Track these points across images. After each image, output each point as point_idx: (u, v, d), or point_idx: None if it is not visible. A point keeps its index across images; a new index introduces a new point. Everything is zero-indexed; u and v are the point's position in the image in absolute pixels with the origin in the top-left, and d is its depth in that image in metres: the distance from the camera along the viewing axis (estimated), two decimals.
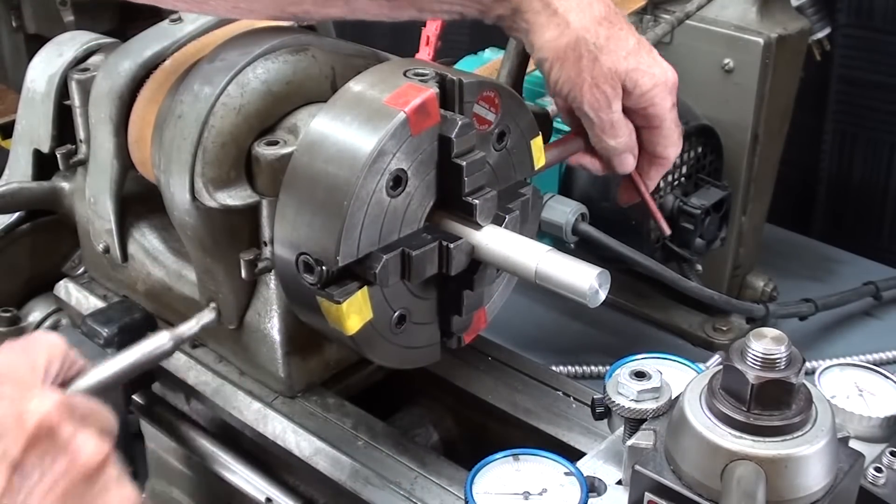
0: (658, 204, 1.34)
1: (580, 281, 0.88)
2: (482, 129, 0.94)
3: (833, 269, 1.67)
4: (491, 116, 0.95)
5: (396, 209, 0.91)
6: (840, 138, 1.82)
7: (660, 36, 1.32)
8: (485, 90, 0.95)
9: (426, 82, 0.91)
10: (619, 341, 1.51)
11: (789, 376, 0.73)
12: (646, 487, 0.77)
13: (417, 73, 0.92)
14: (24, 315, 1.33)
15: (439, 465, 1.02)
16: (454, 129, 0.91)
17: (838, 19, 1.71)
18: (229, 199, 1.01)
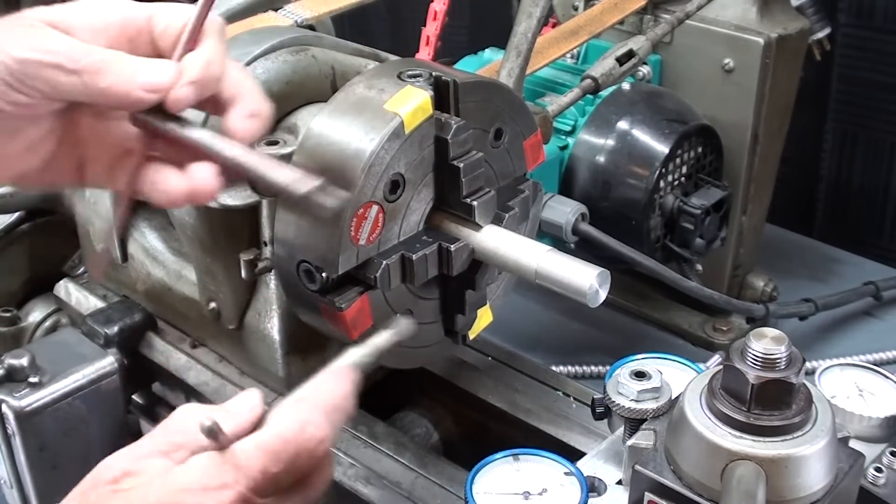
0: (658, 204, 1.34)
1: (580, 281, 0.88)
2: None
3: (833, 269, 1.67)
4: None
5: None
6: (840, 138, 1.82)
7: (660, 36, 1.32)
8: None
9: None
10: (619, 341, 1.51)
11: (789, 376, 0.73)
12: (646, 487, 0.77)
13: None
14: (24, 315, 1.33)
15: (439, 465, 1.03)
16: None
17: (838, 19, 1.71)
18: (229, 199, 1.01)
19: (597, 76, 1.27)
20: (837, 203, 1.87)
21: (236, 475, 0.70)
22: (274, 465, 0.71)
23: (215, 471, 0.70)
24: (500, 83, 1.04)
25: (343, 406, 0.76)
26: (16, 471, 1.10)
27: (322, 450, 0.73)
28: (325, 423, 0.73)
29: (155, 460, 0.72)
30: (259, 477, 0.70)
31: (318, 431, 0.72)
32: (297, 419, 0.73)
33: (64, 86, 0.75)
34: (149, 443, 0.74)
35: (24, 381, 1.07)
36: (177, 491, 0.69)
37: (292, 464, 0.71)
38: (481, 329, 1.04)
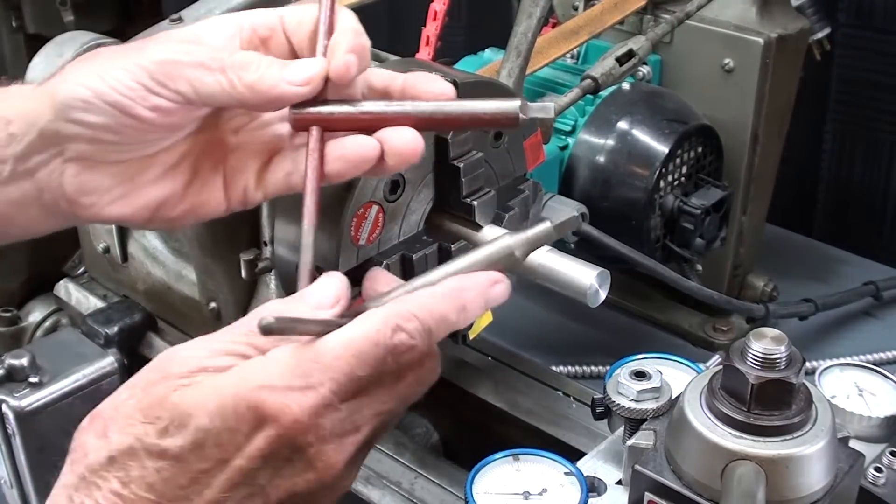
0: (658, 204, 1.34)
1: (580, 281, 0.88)
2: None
3: (833, 269, 1.67)
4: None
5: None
6: (840, 138, 1.82)
7: (660, 36, 1.32)
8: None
9: None
10: (619, 341, 1.51)
11: (789, 376, 0.73)
12: (646, 487, 0.77)
13: None
14: (24, 315, 1.33)
15: (439, 465, 1.03)
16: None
17: (838, 19, 1.71)
18: None
19: (597, 76, 1.27)
20: (837, 203, 1.87)
21: (321, 376, 0.65)
22: (361, 368, 0.66)
23: (300, 369, 0.65)
24: (500, 83, 1.04)
25: (451, 319, 0.69)
26: (16, 471, 1.10)
27: (410, 358, 0.68)
28: (421, 332, 0.68)
29: (234, 359, 0.67)
30: (345, 380, 0.65)
31: (409, 340, 0.67)
32: (392, 321, 0.67)
33: (208, 86, 0.73)
34: (226, 338, 0.69)
35: (24, 381, 1.07)
36: (257, 388, 0.64)
37: (378, 369, 0.67)
38: (481, 329, 1.04)
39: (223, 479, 0.65)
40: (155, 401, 0.65)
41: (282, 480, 0.67)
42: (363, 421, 0.68)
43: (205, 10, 1.15)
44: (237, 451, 0.65)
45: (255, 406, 0.64)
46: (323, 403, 0.65)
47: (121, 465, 0.65)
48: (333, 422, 0.66)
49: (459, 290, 0.70)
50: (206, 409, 0.64)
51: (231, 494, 0.66)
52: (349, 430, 0.67)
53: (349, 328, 0.67)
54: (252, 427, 0.65)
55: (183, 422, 0.64)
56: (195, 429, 0.64)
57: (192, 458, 0.65)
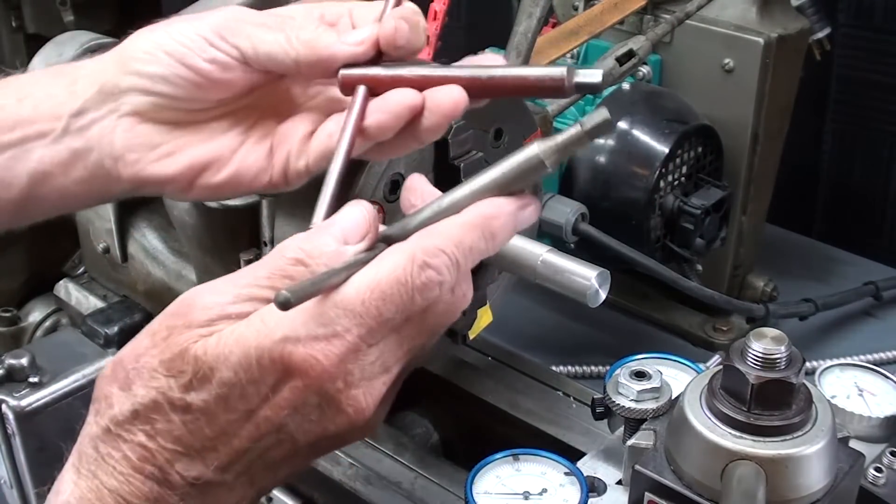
0: (658, 204, 1.34)
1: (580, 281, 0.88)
2: None
3: (833, 269, 1.67)
4: None
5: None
6: (840, 138, 1.82)
7: (660, 36, 1.32)
8: None
9: None
10: (619, 341, 1.51)
11: (789, 376, 0.73)
12: (646, 487, 0.77)
13: None
14: (24, 315, 1.33)
15: (439, 465, 1.03)
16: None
17: (838, 19, 1.71)
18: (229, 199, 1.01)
19: None
20: (837, 203, 1.87)
21: (347, 323, 0.62)
22: (388, 310, 0.63)
23: (325, 316, 0.62)
24: None
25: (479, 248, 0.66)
26: (16, 471, 1.10)
27: (438, 293, 0.65)
28: (449, 267, 0.64)
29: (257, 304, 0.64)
30: (373, 324, 0.63)
31: (437, 277, 0.64)
32: (420, 259, 0.64)
33: (267, 44, 0.73)
34: (249, 280, 0.65)
35: (24, 381, 1.07)
36: (280, 339, 0.62)
37: (407, 308, 0.64)
38: (481, 329, 1.04)
39: (250, 429, 0.64)
40: (177, 353, 0.64)
41: (311, 426, 0.65)
42: (393, 361, 0.66)
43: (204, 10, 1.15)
44: (263, 403, 0.64)
45: (280, 358, 0.62)
46: (351, 350, 0.63)
47: (146, 418, 0.64)
48: (363, 366, 0.64)
49: (488, 218, 0.67)
50: (229, 363, 0.62)
51: (259, 443, 0.65)
52: (379, 372, 0.65)
53: (374, 269, 0.63)
54: (278, 379, 0.63)
55: (206, 376, 0.63)
56: (219, 382, 0.63)
57: (217, 411, 0.63)
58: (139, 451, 0.64)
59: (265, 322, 0.63)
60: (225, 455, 0.65)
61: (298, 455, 0.67)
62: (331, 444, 0.68)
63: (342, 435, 0.67)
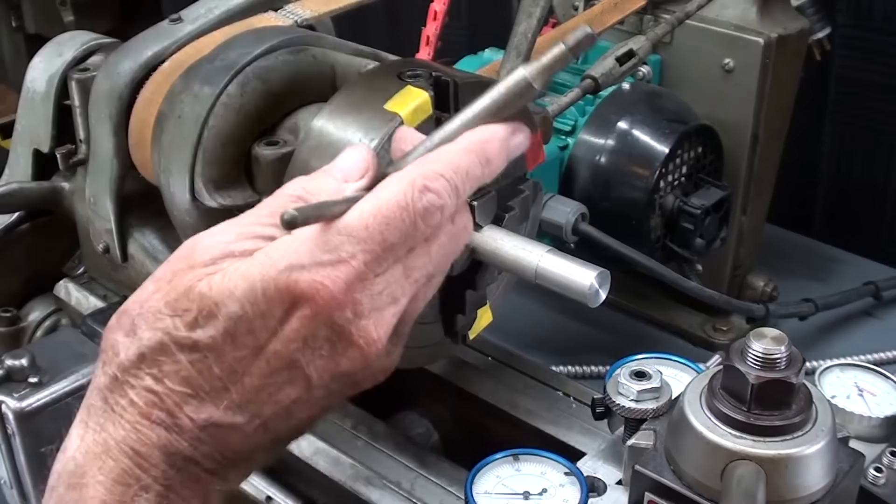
0: (658, 204, 1.34)
1: (580, 281, 0.88)
2: None
3: (833, 269, 1.67)
4: None
5: None
6: (839, 138, 1.82)
7: (660, 36, 1.32)
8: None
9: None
10: (619, 341, 1.51)
11: (789, 376, 0.73)
12: (646, 487, 0.77)
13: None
14: (24, 315, 1.33)
15: (439, 465, 1.03)
16: None
17: (838, 19, 1.71)
18: (229, 199, 1.01)
19: (597, 76, 1.27)
20: (837, 203, 1.87)
21: (352, 248, 0.62)
22: (392, 235, 0.63)
23: (329, 243, 0.62)
24: None
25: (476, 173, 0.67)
26: (16, 471, 1.10)
27: (440, 218, 0.65)
28: (449, 191, 0.65)
29: (260, 242, 0.64)
30: (378, 249, 0.63)
31: (438, 200, 0.64)
32: (420, 183, 0.64)
33: None
34: (252, 220, 0.66)
35: (24, 381, 1.07)
36: (286, 268, 0.61)
37: (409, 233, 0.64)
38: (481, 329, 1.04)
39: (261, 365, 0.63)
40: (181, 292, 0.63)
41: (323, 361, 0.64)
42: (401, 291, 0.65)
43: (205, 10, 1.15)
44: (272, 336, 0.63)
45: (286, 287, 0.61)
46: (357, 277, 0.62)
47: (152, 360, 0.63)
48: (371, 295, 0.63)
49: (482, 143, 0.67)
50: (235, 296, 0.62)
51: (271, 380, 0.63)
52: (387, 302, 0.64)
53: (375, 195, 0.64)
54: (285, 310, 0.62)
55: (212, 311, 0.62)
56: (225, 317, 0.62)
57: (225, 347, 0.62)
58: (146, 396, 0.62)
59: (269, 255, 0.62)
60: (236, 395, 0.63)
61: (313, 398, 0.65)
62: (346, 386, 0.66)
63: (356, 373, 0.65)
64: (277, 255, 0.62)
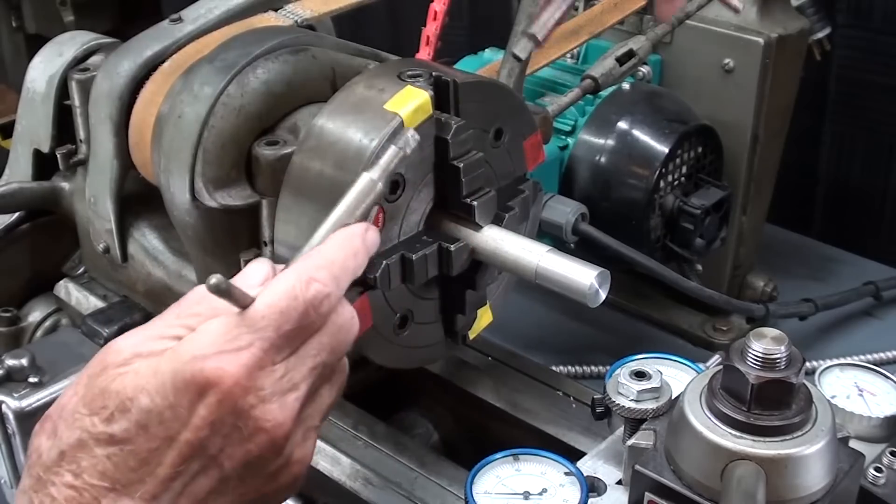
0: (658, 204, 1.34)
1: (580, 281, 0.88)
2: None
3: (833, 269, 1.67)
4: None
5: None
6: (839, 138, 1.82)
7: (660, 36, 1.32)
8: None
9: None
10: (619, 341, 1.51)
11: (789, 376, 0.73)
12: (646, 487, 0.77)
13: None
14: (24, 315, 1.33)
15: (439, 465, 1.03)
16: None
17: (837, 19, 1.71)
18: (229, 199, 1.01)
19: (597, 76, 1.27)
20: (836, 203, 1.87)
21: (251, 337, 0.68)
22: (287, 323, 0.69)
23: (229, 334, 0.68)
24: (500, 83, 1.04)
25: (349, 265, 0.75)
26: (16, 471, 1.10)
27: (328, 306, 0.72)
28: (330, 280, 0.72)
29: (167, 342, 0.69)
30: (274, 336, 0.68)
31: (324, 288, 0.71)
32: (305, 276, 0.71)
33: None
34: (159, 324, 0.71)
35: (24, 381, 1.07)
36: (191, 359, 0.67)
37: (301, 322, 0.70)
38: (481, 329, 1.05)
39: (173, 455, 0.67)
40: (98, 392, 0.67)
41: (233, 448, 0.68)
42: (300, 377, 0.70)
43: (205, 10, 1.15)
44: (182, 426, 0.67)
45: (192, 376, 0.66)
46: (257, 363, 0.68)
47: (71, 457, 0.66)
48: (272, 381, 0.68)
49: (348, 240, 0.76)
50: (146, 390, 0.67)
51: (184, 468, 0.67)
52: (288, 388, 0.69)
53: (268, 289, 0.70)
54: (192, 399, 0.67)
55: (125, 406, 0.66)
56: (138, 410, 0.66)
57: (139, 439, 0.66)
58: (66, 492, 0.66)
59: (176, 350, 0.68)
60: (151, 486, 0.67)
61: (228, 486, 0.69)
62: (262, 479, 0.70)
63: (268, 461, 0.70)
64: (183, 348, 0.68)
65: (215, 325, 0.68)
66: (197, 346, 0.67)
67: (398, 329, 0.95)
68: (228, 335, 0.68)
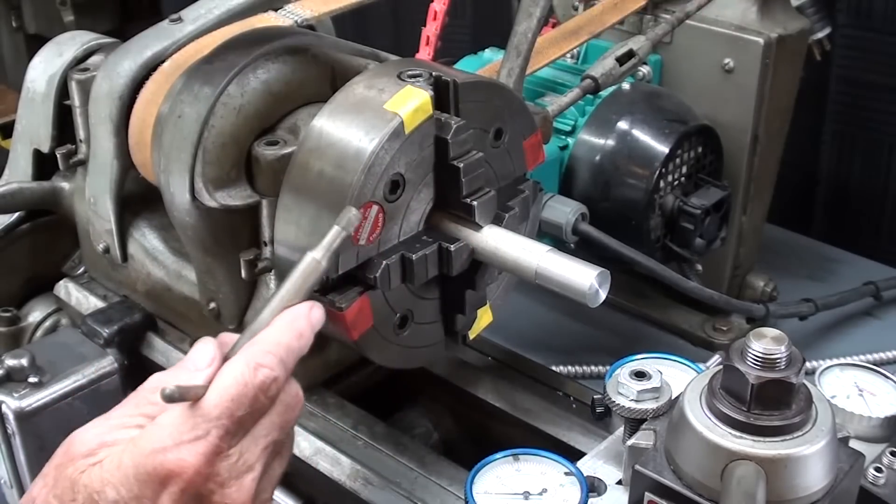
0: (658, 204, 1.34)
1: (580, 281, 0.88)
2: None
3: (833, 269, 1.67)
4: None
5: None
6: (839, 138, 1.82)
7: (660, 36, 1.32)
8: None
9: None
10: (619, 341, 1.51)
11: (789, 376, 0.73)
12: (646, 487, 0.77)
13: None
14: (24, 315, 1.33)
15: (439, 465, 1.03)
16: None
17: (838, 19, 1.71)
18: (229, 199, 1.01)
19: (597, 76, 1.27)
20: (837, 203, 1.87)
21: (207, 425, 0.72)
22: (238, 409, 0.73)
23: (186, 424, 0.72)
24: (500, 83, 1.04)
25: (294, 347, 0.78)
26: (16, 471, 1.10)
27: (276, 389, 0.76)
28: (277, 364, 0.75)
29: (130, 431, 0.73)
30: (228, 423, 0.73)
31: (271, 373, 0.75)
32: (252, 362, 0.75)
33: None
34: (120, 414, 0.76)
35: (24, 381, 1.07)
36: (151, 451, 0.71)
37: (252, 407, 0.74)
38: (481, 329, 1.05)
39: None
40: (67, 485, 0.72)
41: None
42: (254, 458, 0.75)
43: (205, 10, 1.15)
44: None
45: (154, 469, 0.71)
46: (214, 451, 0.73)
47: None
48: (228, 466, 0.73)
49: (292, 321, 0.78)
50: (112, 483, 0.71)
51: None
52: (244, 470, 0.74)
53: (219, 379, 0.74)
54: (156, 489, 0.71)
55: (94, 499, 0.71)
56: (105, 502, 0.71)
57: None
58: None
59: (137, 443, 0.72)
60: None
61: None
62: None
63: None
64: (144, 441, 0.72)
65: (172, 417, 0.72)
66: (156, 439, 0.72)
67: (398, 329, 0.95)
68: (185, 426, 0.72)
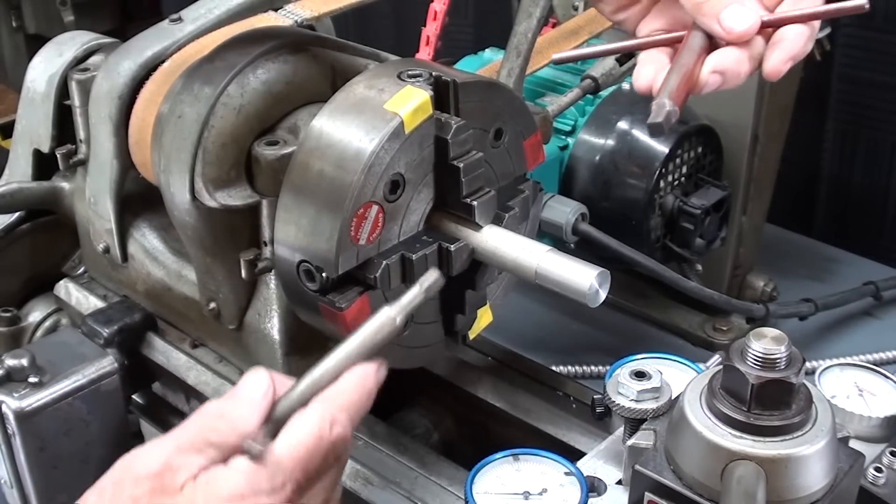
0: (658, 204, 1.34)
1: (580, 281, 0.88)
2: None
3: (833, 269, 1.67)
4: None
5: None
6: (840, 138, 1.82)
7: None
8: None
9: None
10: (619, 341, 1.51)
11: (789, 376, 0.73)
12: (646, 487, 0.77)
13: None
14: (24, 315, 1.33)
15: (439, 465, 1.03)
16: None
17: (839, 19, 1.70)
18: (229, 199, 1.01)
19: (597, 76, 1.27)
20: (837, 203, 1.87)
21: (283, 478, 0.72)
22: (312, 464, 0.73)
23: (264, 476, 0.72)
24: (500, 83, 1.04)
25: (363, 407, 0.78)
26: (16, 471, 1.10)
27: (343, 448, 0.76)
28: (349, 423, 0.76)
29: (192, 457, 0.73)
30: (300, 477, 0.73)
31: (343, 431, 0.75)
32: (327, 418, 0.75)
33: None
34: (182, 435, 0.75)
35: (24, 381, 1.07)
36: (228, 497, 0.71)
37: (325, 462, 0.75)
38: (481, 329, 1.05)
39: None
40: None
41: None
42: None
43: (205, 10, 1.15)
44: None
45: None
46: (288, 501, 0.73)
47: None
48: None
49: (363, 380, 0.77)
50: None
51: None
52: None
53: (296, 431, 0.74)
54: None
55: None
56: None
57: None
58: None
59: (211, 484, 0.72)
60: None
61: None
62: None
63: None
64: (220, 484, 0.72)
65: (250, 465, 0.72)
66: (234, 485, 0.71)
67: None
68: (261, 474, 0.72)
